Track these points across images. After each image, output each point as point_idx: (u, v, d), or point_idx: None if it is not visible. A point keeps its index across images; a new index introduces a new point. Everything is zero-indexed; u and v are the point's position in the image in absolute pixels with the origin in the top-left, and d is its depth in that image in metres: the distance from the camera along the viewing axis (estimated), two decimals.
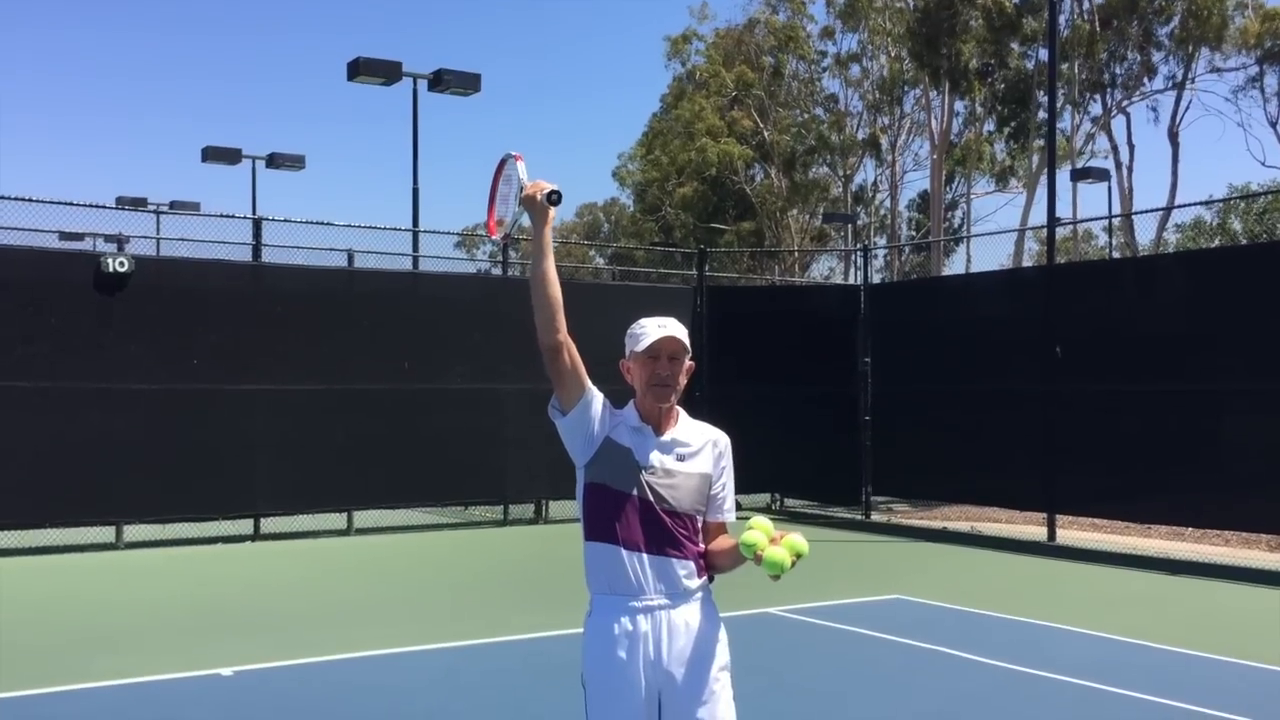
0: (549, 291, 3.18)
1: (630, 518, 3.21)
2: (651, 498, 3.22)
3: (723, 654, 3.28)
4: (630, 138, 65.09)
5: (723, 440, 3.38)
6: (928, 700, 6.66)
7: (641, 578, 3.20)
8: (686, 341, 3.28)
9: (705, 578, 3.31)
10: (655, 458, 3.26)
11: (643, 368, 3.26)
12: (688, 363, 3.30)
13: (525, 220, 3.30)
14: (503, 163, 3.44)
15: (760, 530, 3.12)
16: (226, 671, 7.13)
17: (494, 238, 3.62)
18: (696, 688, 3.19)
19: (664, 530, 3.21)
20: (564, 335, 3.20)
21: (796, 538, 3.13)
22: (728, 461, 3.36)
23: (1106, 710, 6.44)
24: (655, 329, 3.24)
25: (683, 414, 3.37)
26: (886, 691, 6.94)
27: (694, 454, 3.30)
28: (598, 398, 3.29)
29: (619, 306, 11.20)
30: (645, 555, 3.20)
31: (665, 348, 3.25)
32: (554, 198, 3.20)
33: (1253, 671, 7.37)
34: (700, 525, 3.31)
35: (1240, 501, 11.59)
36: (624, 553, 3.20)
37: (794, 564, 3.10)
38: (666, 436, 3.30)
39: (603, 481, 3.25)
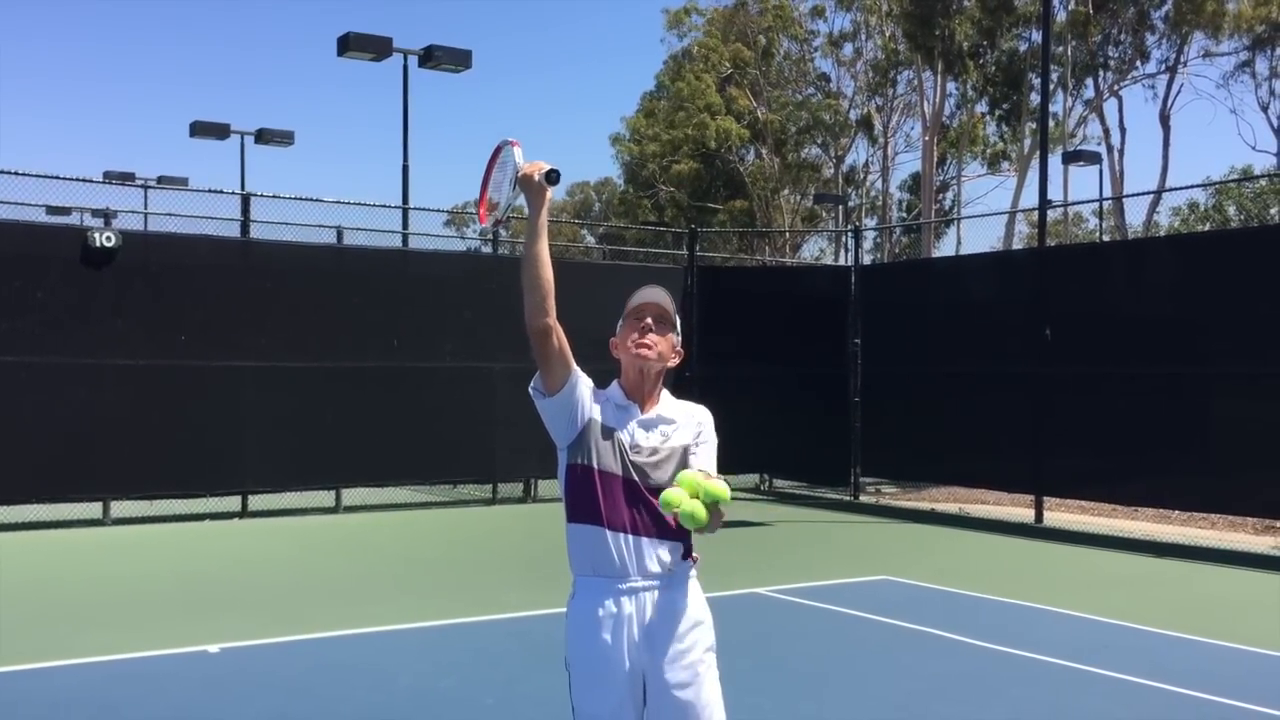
0: (542, 273, 3.15)
1: (615, 498, 3.19)
2: (636, 476, 3.20)
3: (707, 636, 3.26)
4: (622, 114, 64.81)
5: (703, 413, 3.38)
6: (914, 680, 6.68)
7: (626, 559, 3.18)
8: (670, 308, 3.30)
9: (691, 559, 3.29)
10: (640, 435, 3.25)
11: (627, 330, 3.28)
12: (674, 339, 3.30)
13: (519, 202, 3.29)
14: (499, 149, 3.40)
15: (684, 486, 3.06)
16: (213, 648, 7.12)
17: (484, 224, 3.58)
18: (681, 670, 3.17)
19: (650, 510, 3.19)
20: (553, 319, 3.17)
21: (714, 483, 3.05)
22: (708, 433, 3.34)
23: (1092, 691, 6.46)
24: (639, 293, 3.31)
25: (666, 394, 3.37)
26: (873, 671, 6.96)
27: (677, 430, 3.30)
28: (583, 379, 3.28)
29: (609, 286, 11.16)
30: (630, 536, 3.18)
31: (646, 310, 3.27)
32: (552, 176, 3.17)
33: (1237, 654, 7.41)
34: None
35: (1226, 485, 11.64)
36: (608, 534, 3.18)
37: (714, 511, 3.02)
38: (651, 414, 3.29)
39: (586, 462, 3.22)
